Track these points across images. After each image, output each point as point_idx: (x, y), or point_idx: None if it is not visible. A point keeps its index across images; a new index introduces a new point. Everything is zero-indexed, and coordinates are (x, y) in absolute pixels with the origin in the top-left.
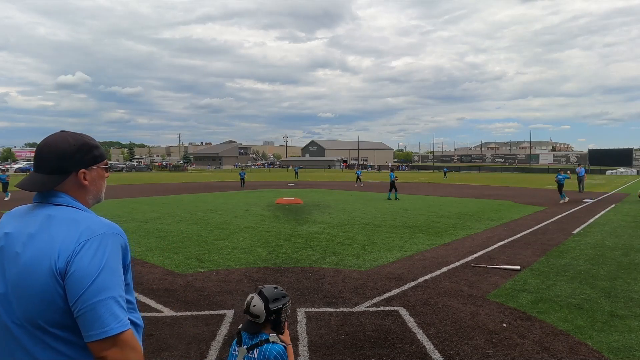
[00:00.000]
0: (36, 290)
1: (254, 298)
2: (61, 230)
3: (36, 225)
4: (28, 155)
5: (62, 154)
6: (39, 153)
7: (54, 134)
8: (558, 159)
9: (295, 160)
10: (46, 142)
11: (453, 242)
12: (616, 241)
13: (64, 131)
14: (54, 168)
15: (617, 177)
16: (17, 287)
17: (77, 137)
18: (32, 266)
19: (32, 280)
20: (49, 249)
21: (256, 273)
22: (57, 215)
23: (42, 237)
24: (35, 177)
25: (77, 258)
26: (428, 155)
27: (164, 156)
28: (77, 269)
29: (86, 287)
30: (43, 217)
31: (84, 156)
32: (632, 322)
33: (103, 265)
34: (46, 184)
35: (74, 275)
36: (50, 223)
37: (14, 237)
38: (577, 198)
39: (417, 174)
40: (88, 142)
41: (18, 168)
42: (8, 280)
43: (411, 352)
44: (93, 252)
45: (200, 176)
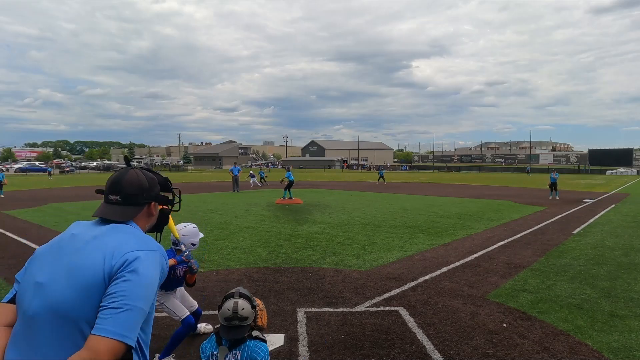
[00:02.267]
0: (83, 281)
1: (239, 302)
2: (122, 237)
3: (101, 231)
4: (28, 155)
5: (141, 189)
6: (117, 186)
7: (128, 170)
8: (558, 159)
9: (296, 160)
10: (124, 177)
11: (453, 242)
12: (616, 241)
13: (135, 168)
14: (135, 201)
15: (617, 177)
16: (66, 276)
17: (147, 174)
18: (87, 259)
19: (83, 271)
20: (107, 248)
21: (256, 273)
22: (121, 228)
23: (103, 239)
24: (116, 208)
25: (130, 262)
26: (428, 155)
27: (164, 156)
28: (123, 275)
29: (126, 289)
30: (109, 227)
31: (154, 191)
32: (632, 322)
33: (147, 279)
34: (128, 214)
35: (120, 275)
36: (115, 231)
37: (78, 237)
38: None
39: (417, 174)
40: (154, 178)
41: (18, 168)
42: (55, 272)
43: (411, 352)
44: (144, 264)
45: (200, 176)
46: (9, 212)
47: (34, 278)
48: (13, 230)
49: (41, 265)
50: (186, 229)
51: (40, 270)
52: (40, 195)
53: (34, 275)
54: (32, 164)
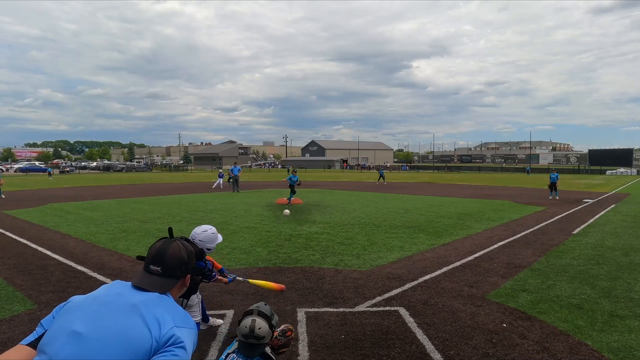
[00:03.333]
0: (126, 346)
1: (257, 320)
2: (168, 312)
3: (147, 298)
4: (28, 155)
5: (182, 263)
6: (163, 259)
7: (172, 243)
8: (558, 159)
9: (296, 160)
10: (168, 249)
11: (453, 242)
12: (616, 241)
13: (178, 241)
14: (175, 274)
15: (617, 177)
16: (110, 335)
17: (189, 247)
18: (136, 326)
19: (131, 338)
20: (155, 319)
21: (256, 273)
22: (164, 300)
23: (152, 309)
24: (156, 279)
25: (177, 338)
26: (428, 155)
27: (164, 156)
28: (174, 345)
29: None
30: (155, 296)
31: (191, 264)
32: (632, 322)
33: (188, 356)
34: (166, 286)
35: (169, 350)
36: (160, 302)
37: (125, 297)
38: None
39: (417, 174)
40: (192, 251)
41: (18, 168)
42: (98, 326)
43: (411, 352)
44: (188, 341)
45: (200, 176)
46: (9, 212)
47: (70, 325)
48: (13, 230)
49: (80, 316)
50: (204, 234)
51: (79, 320)
52: (40, 195)
53: (71, 322)
54: (32, 164)
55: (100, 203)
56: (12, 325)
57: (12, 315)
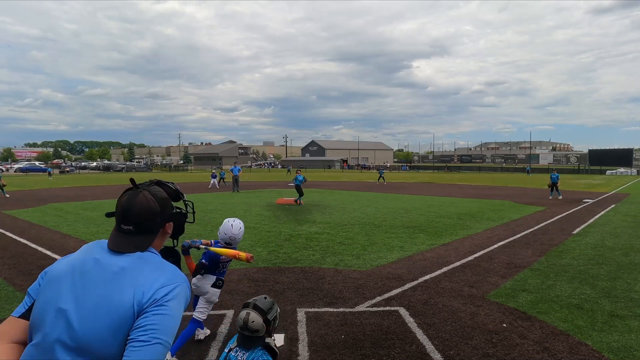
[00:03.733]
0: (114, 317)
1: (251, 314)
2: (151, 272)
3: (128, 261)
4: (28, 155)
5: (155, 215)
6: (130, 215)
7: (137, 195)
8: (558, 159)
9: (296, 160)
10: (135, 204)
11: (453, 242)
12: (616, 241)
13: (141, 190)
14: (150, 228)
15: (617, 177)
16: (94, 309)
17: (158, 195)
18: (118, 295)
19: (113, 307)
20: (137, 284)
21: (256, 273)
22: (148, 258)
23: (134, 273)
24: (131, 238)
25: (157, 301)
26: (428, 155)
27: (164, 156)
28: (152, 310)
29: (149, 323)
30: (135, 257)
31: (167, 211)
32: (632, 322)
33: (176, 313)
34: (144, 244)
35: (147, 313)
36: (141, 263)
37: (104, 265)
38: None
39: (417, 174)
40: (166, 197)
41: (18, 168)
42: (82, 300)
43: (411, 352)
44: (174, 299)
45: (200, 176)
46: (9, 212)
47: (56, 303)
48: (13, 230)
49: (63, 290)
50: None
51: (62, 295)
52: (40, 195)
53: (56, 299)
54: (32, 164)
55: (100, 203)
56: None
57: None
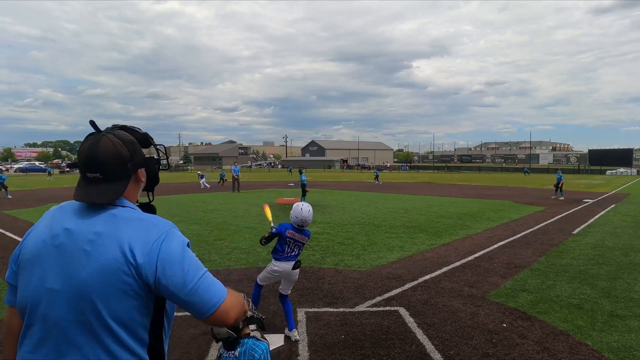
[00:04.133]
0: (110, 289)
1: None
2: (131, 229)
3: (101, 224)
4: (28, 155)
5: (123, 160)
6: (95, 162)
7: (100, 139)
8: (558, 159)
9: (296, 160)
10: (99, 150)
11: (453, 242)
12: (616, 241)
13: (105, 134)
14: (118, 176)
15: (617, 177)
16: (86, 284)
17: (125, 137)
18: (107, 265)
19: (107, 279)
20: (123, 249)
21: (256, 273)
22: (120, 214)
23: (113, 236)
24: (100, 187)
25: (160, 255)
26: (428, 155)
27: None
28: (165, 264)
29: (181, 275)
30: (108, 216)
31: (137, 156)
32: (632, 322)
33: (183, 253)
34: (114, 193)
35: (166, 270)
36: (117, 222)
37: (77, 235)
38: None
39: (417, 174)
40: (133, 140)
41: (18, 168)
42: (71, 276)
43: (411, 352)
44: (170, 246)
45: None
46: (9, 212)
47: (43, 284)
48: (13, 230)
49: (45, 270)
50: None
51: (47, 276)
52: (40, 195)
53: (42, 281)
54: (32, 164)
55: None
56: None
57: None
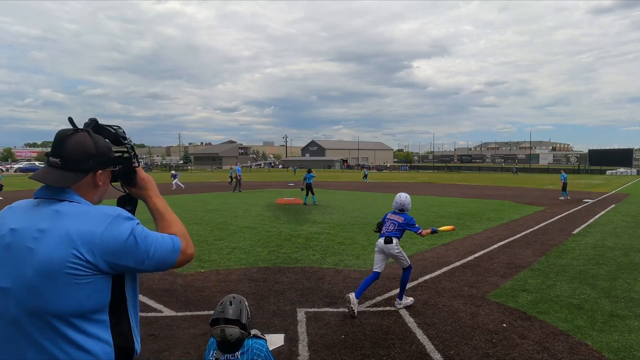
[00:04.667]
0: (57, 283)
1: (226, 330)
2: (75, 223)
3: (45, 221)
4: (28, 155)
5: (88, 154)
6: (61, 149)
7: (75, 132)
8: (558, 159)
9: (296, 160)
10: (70, 140)
11: (453, 242)
12: (616, 241)
13: (83, 130)
14: (76, 166)
15: (617, 177)
16: (34, 281)
17: (100, 139)
18: (51, 260)
19: (53, 274)
20: (67, 242)
21: (256, 273)
22: (65, 210)
23: (56, 232)
24: (55, 172)
25: (108, 243)
26: (428, 155)
27: (164, 156)
28: (117, 251)
29: (135, 256)
30: (51, 212)
31: (104, 158)
32: (632, 322)
33: (131, 230)
34: (67, 180)
35: (119, 255)
36: (61, 217)
37: (22, 233)
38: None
39: (417, 174)
40: (109, 146)
41: (18, 168)
42: (19, 274)
43: (411, 352)
44: (119, 230)
45: (200, 176)
46: None
47: None
48: None
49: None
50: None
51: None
52: None
53: None
54: (32, 164)
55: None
56: None
57: None
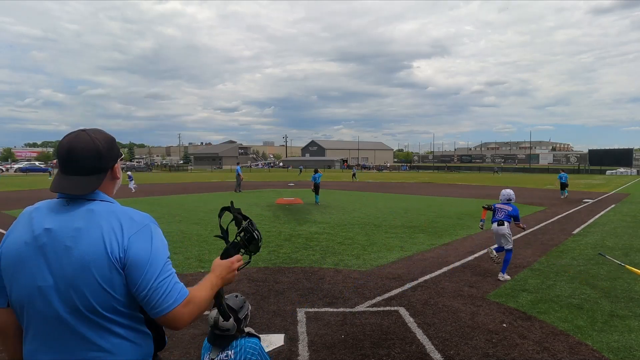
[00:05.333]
0: (96, 279)
1: None
2: (107, 223)
3: (80, 220)
4: (28, 155)
5: (100, 154)
6: (74, 156)
7: (79, 135)
8: (558, 159)
9: (296, 160)
10: (78, 144)
11: (453, 242)
12: (616, 241)
13: (85, 130)
14: (94, 169)
15: (617, 177)
16: (75, 278)
17: (103, 134)
18: (89, 258)
19: (92, 271)
20: (102, 241)
21: (256, 273)
22: (97, 209)
23: (91, 231)
24: (77, 180)
25: (131, 248)
26: (428, 155)
27: (164, 156)
28: (133, 258)
29: (145, 272)
30: (85, 212)
31: (114, 152)
32: (632, 322)
33: (154, 251)
34: (90, 185)
35: (132, 265)
36: (94, 217)
37: (59, 233)
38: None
39: (417, 174)
40: (112, 138)
41: (18, 168)
42: (60, 272)
43: (411, 352)
44: (143, 242)
45: (200, 176)
46: (9, 212)
47: (34, 283)
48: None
49: (33, 269)
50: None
51: (35, 275)
52: (40, 195)
53: (32, 280)
54: (32, 164)
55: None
56: None
57: None
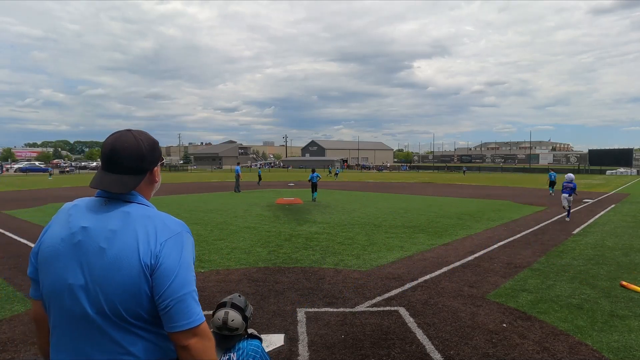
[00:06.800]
0: (124, 283)
1: (230, 312)
2: (142, 228)
3: (116, 222)
4: (28, 155)
5: (142, 155)
6: (116, 154)
7: (124, 134)
8: (558, 159)
9: (295, 160)
10: (122, 144)
11: (453, 242)
12: (616, 241)
13: (130, 130)
14: (135, 169)
15: (617, 177)
16: (104, 280)
17: (146, 136)
18: (120, 261)
19: (121, 275)
20: (135, 246)
21: (256, 273)
22: (133, 212)
23: (126, 234)
24: (116, 178)
25: (162, 255)
26: (428, 155)
27: (164, 156)
28: (162, 266)
29: (170, 282)
30: (121, 214)
31: (155, 154)
32: (632, 322)
33: (182, 263)
34: (129, 184)
35: (160, 272)
36: (130, 220)
37: (94, 232)
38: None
39: (417, 174)
40: (155, 141)
41: (18, 168)
42: (90, 273)
43: (411, 352)
44: (175, 250)
45: (200, 176)
46: (9, 212)
47: (65, 280)
48: (13, 230)
49: (67, 266)
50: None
51: (68, 271)
52: (40, 195)
53: (64, 276)
54: (32, 164)
55: None
56: (12, 326)
57: (13, 315)
